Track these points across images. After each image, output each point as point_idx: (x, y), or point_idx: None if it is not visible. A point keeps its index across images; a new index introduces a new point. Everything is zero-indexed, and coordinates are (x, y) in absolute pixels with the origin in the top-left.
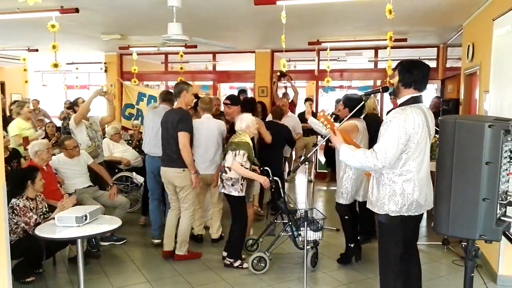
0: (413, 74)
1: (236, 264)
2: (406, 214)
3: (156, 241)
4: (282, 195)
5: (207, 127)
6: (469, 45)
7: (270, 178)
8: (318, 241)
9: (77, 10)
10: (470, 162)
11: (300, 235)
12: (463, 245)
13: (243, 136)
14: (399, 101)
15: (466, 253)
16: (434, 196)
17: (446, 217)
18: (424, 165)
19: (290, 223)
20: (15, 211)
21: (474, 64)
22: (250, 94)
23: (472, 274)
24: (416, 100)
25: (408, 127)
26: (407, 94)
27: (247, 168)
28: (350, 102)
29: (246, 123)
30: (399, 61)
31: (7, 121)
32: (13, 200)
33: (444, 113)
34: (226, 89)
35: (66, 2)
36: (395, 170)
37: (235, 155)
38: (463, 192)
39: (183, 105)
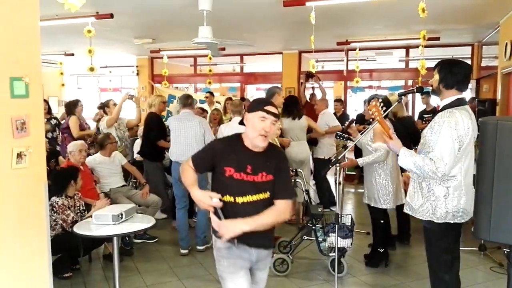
0: (455, 74)
1: None
2: (452, 222)
3: (183, 251)
4: (307, 199)
5: (237, 130)
6: (506, 43)
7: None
8: (346, 248)
9: (111, 16)
10: None
11: (325, 240)
12: (505, 252)
13: None
14: (442, 103)
15: (509, 260)
16: (474, 200)
17: (487, 222)
18: (470, 170)
19: (314, 227)
20: (54, 208)
21: None
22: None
23: None
24: (461, 102)
25: (460, 131)
26: (450, 95)
27: None
28: (384, 102)
29: None
30: (439, 60)
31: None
32: (53, 198)
33: (479, 113)
34: (253, 91)
35: (101, 8)
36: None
37: None
38: (505, 196)
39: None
